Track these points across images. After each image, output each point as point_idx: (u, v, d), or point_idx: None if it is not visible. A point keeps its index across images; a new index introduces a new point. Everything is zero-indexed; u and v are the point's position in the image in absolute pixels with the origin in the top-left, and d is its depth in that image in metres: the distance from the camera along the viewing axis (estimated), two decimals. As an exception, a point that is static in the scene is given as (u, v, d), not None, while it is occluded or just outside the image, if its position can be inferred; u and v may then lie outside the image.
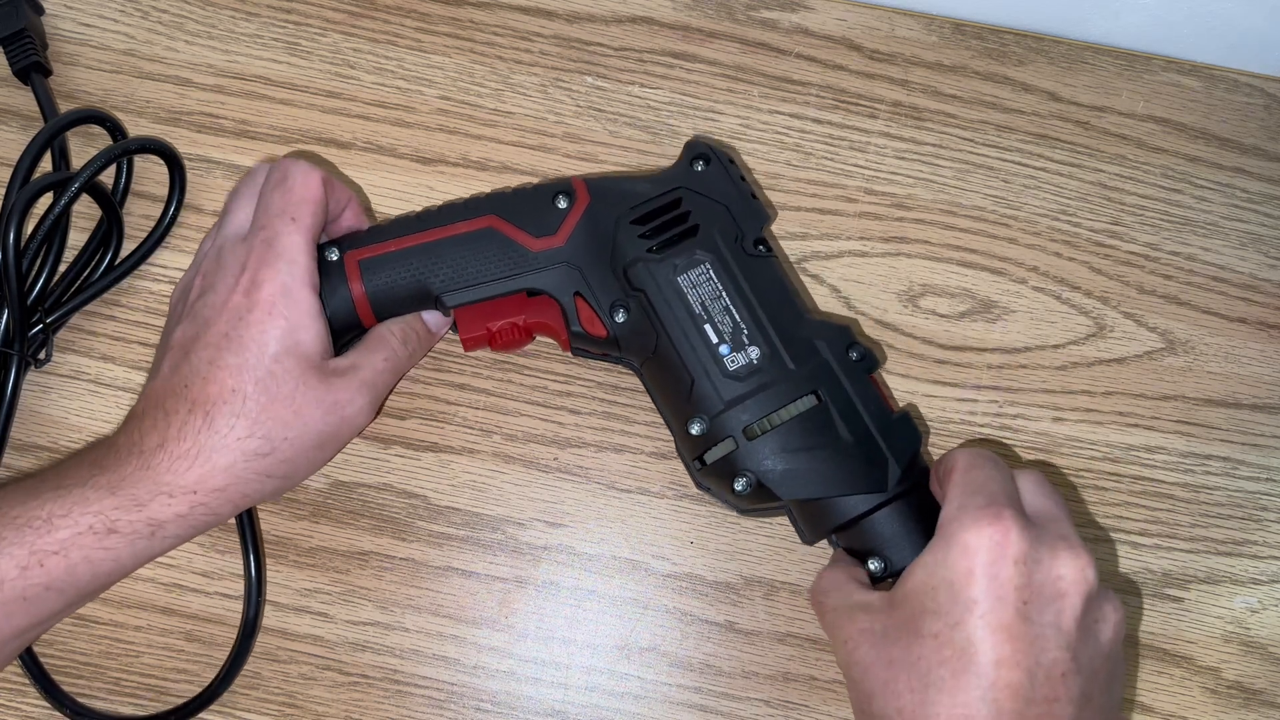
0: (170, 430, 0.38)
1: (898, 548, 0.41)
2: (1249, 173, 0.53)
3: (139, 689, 0.46)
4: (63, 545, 0.36)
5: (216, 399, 0.39)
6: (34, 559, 0.36)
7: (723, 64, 0.53)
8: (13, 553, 0.36)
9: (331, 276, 0.43)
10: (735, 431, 0.41)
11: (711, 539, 0.48)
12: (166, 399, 0.39)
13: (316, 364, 0.41)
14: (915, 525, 0.41)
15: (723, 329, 0.42)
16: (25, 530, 0.36)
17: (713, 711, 0.47)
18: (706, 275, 0.43)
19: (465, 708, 0.47)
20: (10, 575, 0.36)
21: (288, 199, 0.42)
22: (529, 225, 0.44)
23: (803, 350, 0.42)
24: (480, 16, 0.53)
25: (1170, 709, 0.48)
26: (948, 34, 0.53)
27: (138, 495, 0.37)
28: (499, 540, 0.48)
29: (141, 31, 0.52)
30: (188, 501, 0.38)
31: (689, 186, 0.44)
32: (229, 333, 0.39)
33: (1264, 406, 0.51)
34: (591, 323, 0.44)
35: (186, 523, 0.39)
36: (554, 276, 0.44)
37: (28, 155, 0.46)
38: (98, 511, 0.37)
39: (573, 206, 0.44)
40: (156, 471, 0.38)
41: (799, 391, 0.42)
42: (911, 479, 0.42)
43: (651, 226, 0.44)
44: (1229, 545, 0.49)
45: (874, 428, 0.42)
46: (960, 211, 0.52)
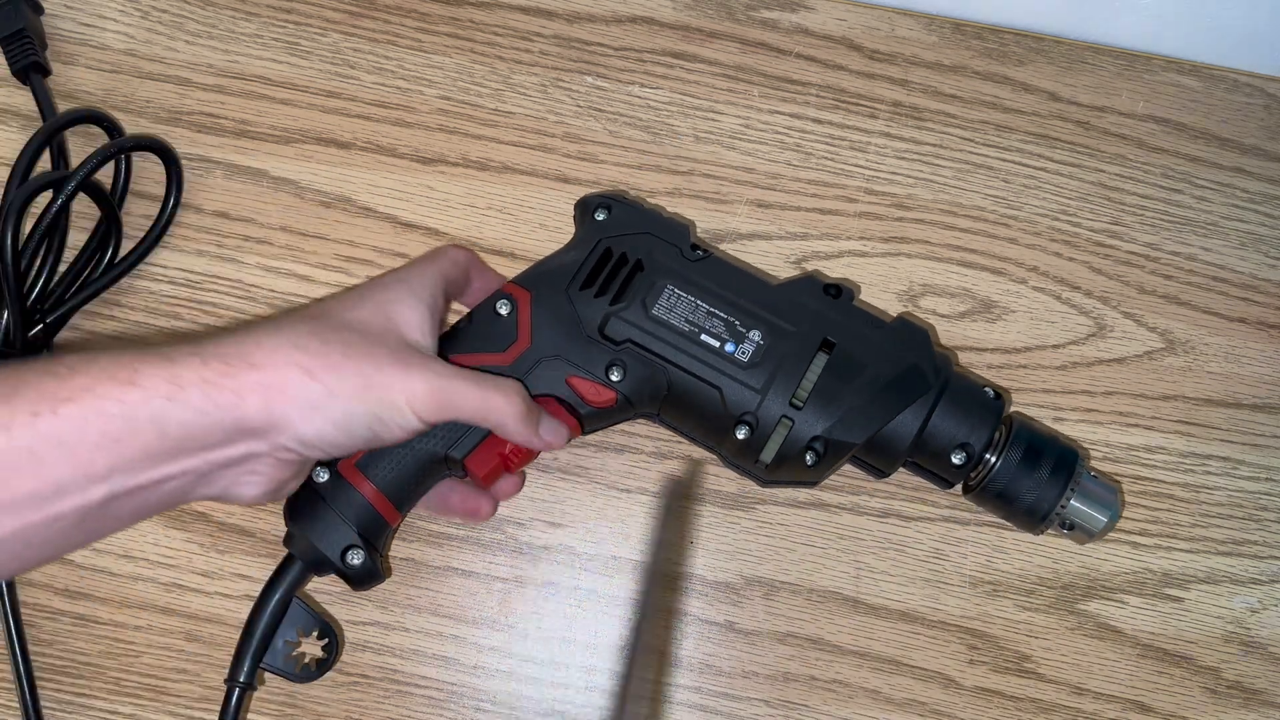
0: (239, 329, 0.37)
1: (970, 430, 0.43)
2: (1249, 173, 0.53)
3: (139, 689, 0.46)
4: (78, 391, 0.32)
5: (296, 315, 0.38)
6: (48, 405, 0.31)
7: (723, 64, 0.53)
8: (28, 395, 0.32)
9: (338, 495, 0.41)
10: (784, 410, 0.42)
11: (712, 539, 0.48)
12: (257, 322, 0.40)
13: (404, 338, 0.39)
14: (970, 404, 0.43)
15: (718, 331, 0.43)
16: (46, 377, 0.32)
17: (713, 711, 0.47)
18: (675, 295, 0.43)
19: (465, 708, 0.47)
20: (21, 419, 0.31)
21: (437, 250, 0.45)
22: (489, 345, 0.43)
23: (792, 311, 0.43)
24: (480, 16, 0.53)
25: (1170, 709, 0.48)
26: (948, 34, 0.53)
27: (170, 354, 0.34)
28: (499, 540, 0.48)
29: (141, 31, 0.52)
30: (219, 370, 0.34)
31: (606, 235, 0.44)
32: (343, 296, 0.40)
33: (1264, 406, 0.51)
34: (596, 394, 0.43)
35: (210, 399, 0.33)
36: (541, 376, 0.43)
37: (25, 154, 0.46)
38: (125, 363, 0.33)
39: (518, 305, 0.43)
40: (199, 342, 0.35)
41: (813, 347, 0.43)
42: (942, 369, 0.44)
43: (600, 282, 0.43)
44: (1229, 545, 0.49)
45: (887, 342, 0.43)
46: (960, 211, 0.52)
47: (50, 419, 0.31)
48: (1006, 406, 0.46)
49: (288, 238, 0.50)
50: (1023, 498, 0.44)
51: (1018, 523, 0.45)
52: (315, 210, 0.50)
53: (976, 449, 0.43)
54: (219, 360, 0.34)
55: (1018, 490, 0.44)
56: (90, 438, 0.32)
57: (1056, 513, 0.44)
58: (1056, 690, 0.48)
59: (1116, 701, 0.48)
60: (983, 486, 0.44)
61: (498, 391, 0.39)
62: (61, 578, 0.47)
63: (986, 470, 0.44)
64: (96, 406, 0.32)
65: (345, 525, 0.40)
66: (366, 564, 0.41)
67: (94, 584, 0.47)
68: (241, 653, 0.41)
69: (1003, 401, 0.44)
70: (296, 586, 0.42)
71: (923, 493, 0.49)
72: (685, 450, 0.49)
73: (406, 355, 0.38)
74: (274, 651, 0.42)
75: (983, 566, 0.49)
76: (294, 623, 0.42)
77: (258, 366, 0.34)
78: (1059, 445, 0.44)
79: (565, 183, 0.51)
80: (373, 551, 0.41)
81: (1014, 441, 0.44)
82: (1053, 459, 0.44)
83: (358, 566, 0.41)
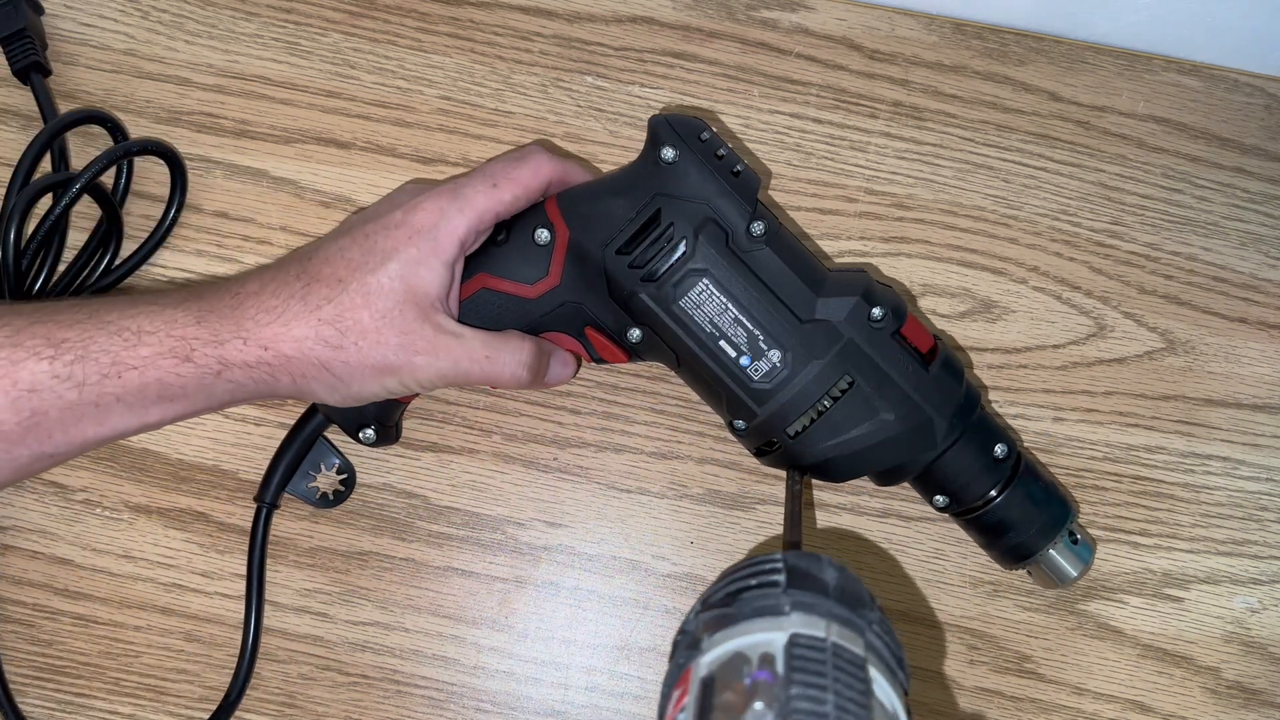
0: (270, 284, 0.40)
1: (961, 490, 0.43)
2: (1249, 173, 0.53)
3: (139, 689, 0.46)
4: (143, 362, 0.38)
5: (323, 279, 0.40)
6: (115, 369, 0.37)
7: (723, 64, 0.53)
8: (99, 359, 0.37)
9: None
10: (778, 433, 0.42)
11: (711, 539, 0.48)
12: (288, 260, 0.42)
13: (422, 304, 0.41)
14: (974, 463, 0.43)
15: (738, 341, 0.42)
16: (115, 338, 0.37)
17: (713, 711, 0.47)
18: (707, 292, 0.41)
19: (465, 708, 0.47)
20: (92, 380, 0.37)
21: (507, 170, 0.42)
22: (520, 274, 0.43)
23: (823, 337, 0.41)
24: (480, 16, 0.53)
25: (1170, 709, 0.48)
26: (948, 34, 0.53)
27: (219, 331, 0.39)
28: (499, 540, 0.48)
29: (141, 31, 0.52)
30: (256, 354, 0.39)
31: (663, 191, 0.41)
32: (370, 234, 0.41)
33: (1264, 406, 0.51)
34: (608, 352, 0.44)
35: (248, 376, 0.39)
36: (561, 317, 0.43)
37: (28, 156, 0.46)
38: (181, 336, 0.38)
39: (555, 240, 0.43)
40: (242, 313, 0.39)
41: (830, 381, 0.41)
42: (962, 422, 0.42)
43: (639, 253, 0.41)
44: (1229, 545, 0.49)
45: (912, 391, 0.41)
46: (960, 211, 0.52)
47: (116, 381, 0.37)
48: (1014, 462, 0.44)
49: (288, 238, 0.50)
50: (1008, 538, 0.44)
51: (993, 555, 0.46)
52: (315, 210, 0.50)
53: (961, 504, 0.44)
54: (257, 345, 0.39)
55: (1005, 530, 0.44)
56: (149, 398, 0.38)
57: (1033, 559, 0.44)
58: (1056, 690, 0.48)
59: (1116, 701, 0.48)
60: (975, 518, 0.44)
61: (503, 369, 0.42)
62: (61, 578, 0.47)
63: (983, 505, 0.44)
64: (156, 376, 0.38)
65: (363, 408, 0.44)
66: (376, 440, 0.45)
67: (94, 584, 0.47)
68: (270, 477, 0.46)
69: (1009, 461, 0.44)
70: (322, 429, 0.46)
71: (923, 493, 0.49)
72: (686, 450, 0.49)
73: (420, 336, 0.40)
74: (297, 480, 0.47)
75: (983, 566, 0.49)
76: (318, 458, 0.47)
77: (289, 357, 0.39)
78: (1056, 495, 0.44)
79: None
80: (383, 429, 0.45)
81: (1017, 484, 0.43)
82: (1047, 510, 0.44)
83: (369, 441, 0.45)
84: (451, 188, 0.42)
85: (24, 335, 0.37)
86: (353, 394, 0.41)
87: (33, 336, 0.37)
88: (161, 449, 0.48)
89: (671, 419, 0.49)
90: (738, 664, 0.28)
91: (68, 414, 0.37)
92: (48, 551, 0.47)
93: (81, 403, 0.37)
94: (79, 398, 0.37)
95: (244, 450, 0.48)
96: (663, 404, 0.49)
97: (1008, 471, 0.43)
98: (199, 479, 0.48)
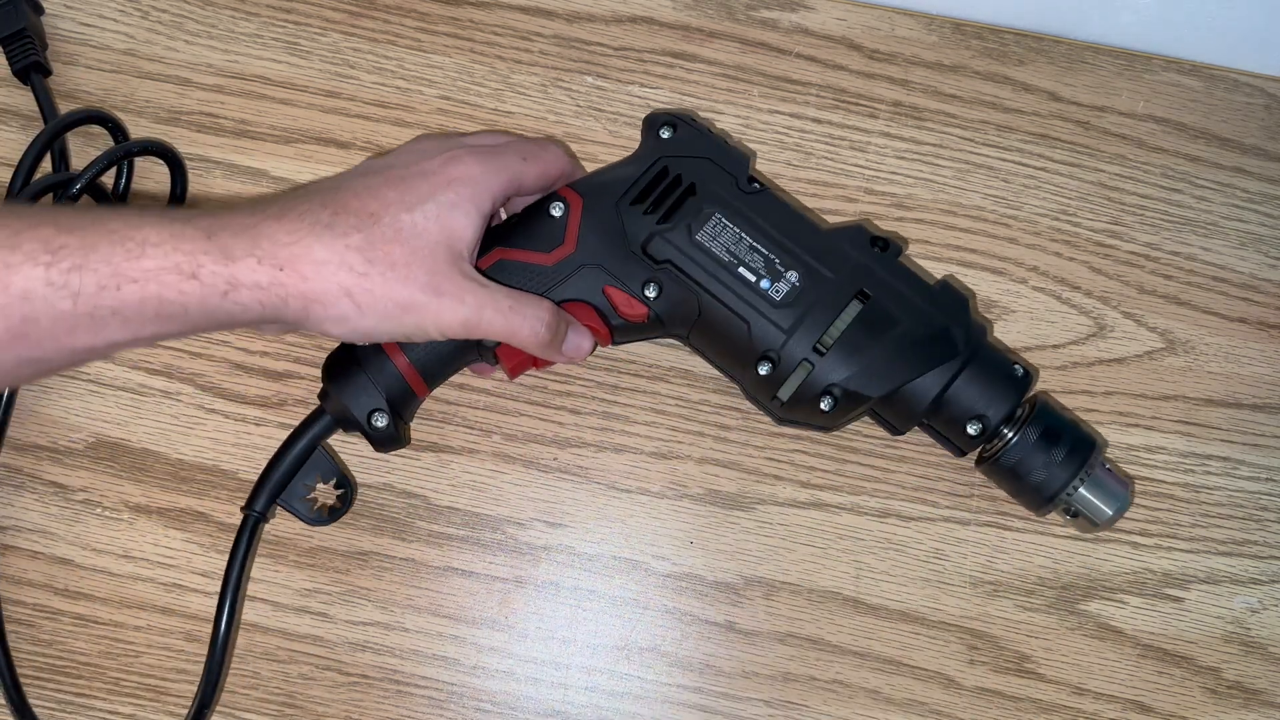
0: (294, 208, 0.38)
1: (988, 404, 0.43)
2: (1249, 173, 0.53)
3: (139, 689, 0.46)
4: (145, 275, 0.35)
5: (352, 210, 0.38)
6: (114, 281, 0.35)
7: (723, 64, 0.53)
8: (99, 269, 0.35)
9: (371, 360, 0.43)
10: (806, 354, 0.43)
11: (711, 539, 0.48)
12: (312, 189, 0.40)
13: (455, 249, 0.40)
14: (995, 377, 0.44)
15: (756, 266, 0.43)
16: (118, 248, 0.35)
17: (713, 711, 0.47)
18: (721, 224, 0.44)
19: (465, 708, 0.47)
20: (89, 290, 0.34)
21: (537, 150, 0.43)
22: (536, 244, 0.44)
23: (834, 258, 0.44)
24: (480, 16, 0.53)
25: (1170, 709, 0.48)
26: (948, 34, 0.53)
27: (230, 249, 0.36)
28: (499, 540, 0.48)
29: (141, 31, 0.52)
30: (270, 275, 0.37)
31: (666, 153, 0.45)
32: (405, 177, 0.40)
33: (1264, 406, 0.51)
34: (629, 307, 0.44)
35: (256, 298, 0.37)
36: (578, 282, 0.44)
37: (28, 156, 0.46)
38: (189, 251, 0.36)
39: (569, 210, 0.44)
40: (259, 232, 0.37)
41: (847, 296, 0.43)
42: (974, 337, 0.44)
43: (652, 200, 0.44)
44: (1229, 545, 0.49)
45: (924, 303, 0.44)
46: (960, 211, 0.52)
47: (114, 294, 0.35)
48: (1033, 384, 0.46)
49: (288, 238, 0.50)
50: (1033, 476, 0.44)
51: (1024, 501, 0.46)
52: (315, 210, 0.50)
53: (993, 422, 0.44)
54: (273, 264, 0.37)
55: (1029, 468, 0.44)
56: (147, 314, 0.35)
57: (1063, 497, 0.44)
58: (1056, 690, 0.48)
59: (1116, 701, 0.48)
60: (996, 460, 0.45)
61: (524, 322, 0.41)
62: (61, 578, 0.47)
63: (1002, 444, 0.44)
64: (157, 292, 0.35)
65: (376, 391, 0.43)
66: (389, 429, 0.43)
67: (94, 584, 0.47)
68: (261, 485, 0.44)
69: (1030, 379, 0.45)
70: (323, 436, 0.45)
71: (922, 492, 0.49)
72: (686, 450, 0.49)
73: (447, 279, 0.40)
74: (292, 492, 0.44)
75: (983, 566, 0.49)
76: (315, 468, 0.45)
77: (307, 279, 0.37)
78: (1078, 431, 0.45)
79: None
80: (397, 418, 0.43)
81: (1034, 420, 0.44)
82: (1069, 444, 0.44)
83: (381, 429, 0.43)
84: (485, 150, 0.42)
85: (23, 238, 0.34)
86: (365, 329, 0.39)
87: (31, 240, 0.34)
88: (161, 449, 0.48)
89: (671, 419, 0.49)
90: None
91: (60, 324, 0.34)
92: (48, 551, 0.47)
93: (76, 313, 0.34)
94: (73, 308, 0.34)
95: (244, 450, 0.48)
96: (663, 404, 0.49)
97: (1028, 389, 0.44)
98: (199, 479, 0.48)
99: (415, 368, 0.43)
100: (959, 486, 0.49)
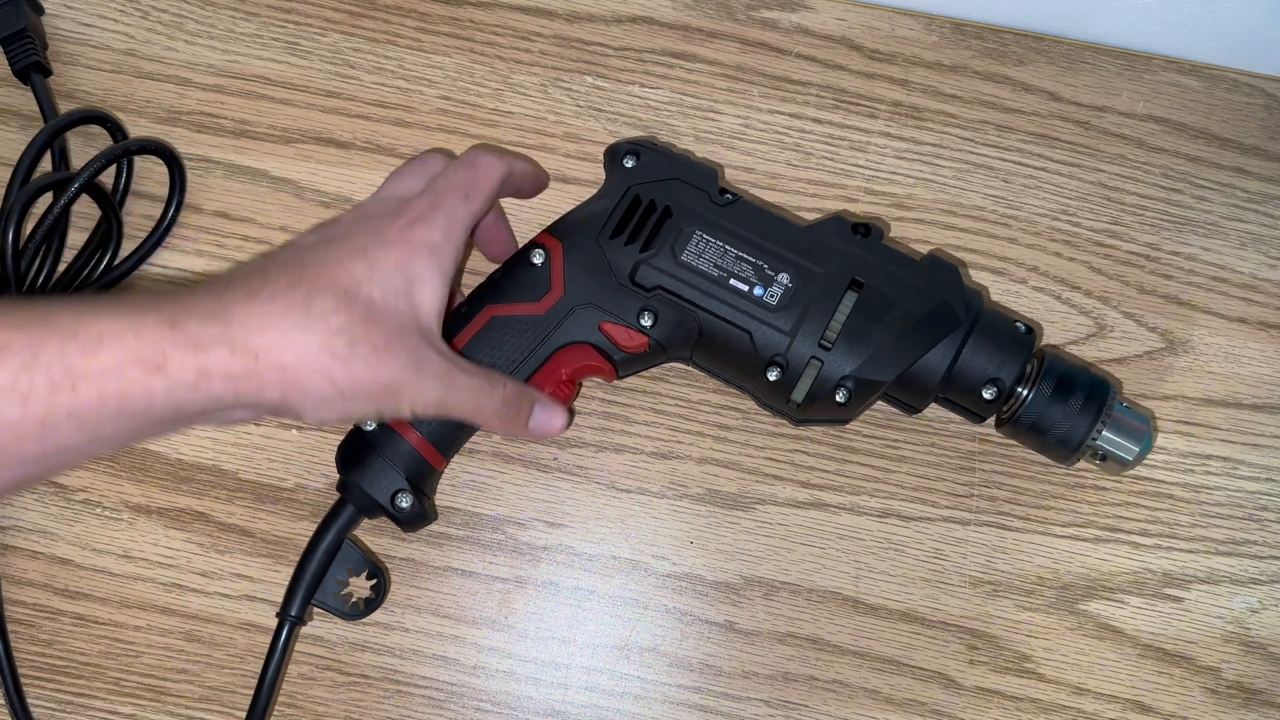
0: (264, 289, 0.35)
1: (1000, 366, 0.44)
2: (1249, 173, 0.53)
3: (139, 689, 0.46)
4: (103, 372, 0.31)
5: (327, 287, 0.36)
6: (68, 380, 0.31)
7: (723, 64, 0.53)
8: (50, 368, 0.31)
9: (386, 443, 0.43)
10: (813, 351, 0.43)
11: (711, 539, 0.48)
12: (271, 267, 0.36)
13: (426, 324, 0.39)
14: (1001, 340, 0.44)
15: (746, 275, 0.44)
16: (69, 343, 0.31)
17: (713, 711, 0.47)
18: (703, 240, 0.44)
19: (465, 708, 0.47)
20: (39, 393, 0.31)
21: (472, 178, 0.41)
22: (524, 295, 0.44)
23: (820, 253, 0.44)
24: (480, 16, 0.53)
25: (1170, 709, 0.48)
26: (948, 34, 0.53)
27: (199, 337, 0.33)
28: (499, 540, 0.48)
29: (141, 31, 0.52)
30: (244, 365, 0.34)
31: (634, 182, 0.45)
32: (367, 249, 0.37)
33: (1264, 406, 0.51)
34: (629, 339, 0.44)
35: (231, 389, 0.34)
36: (574, 325, 0.44)
37: (28, 155, 0.46)
38: (153, 341, 0.32)
39: (550, 256, 0.44)
40: (229, 317, 0.34)
41: (841, 287, 0.44)
42: (972, 305, 0.44)
43: (630, 230, 0.44)
44: (1229, 545, 0.49)
45: (917, 280, 0.44)
46: (960, 211, 0.52)
47: (69, 394, 0.31)
48: (1038, 340, 0.46)
49: (287, 238, 0.50)
50: (1055, 429, 0.44)
51: (1051, 455, 0.46)
52: (315, 210, 0.50)
53: (1007, 383, 0.44)
54: (247, 355, 0.33)
55: (1050, 422, 0.44)
56: (107, 414, 0.32)
57: (1089, 444, 0.44)
58: (1056, 690, 0.48)
59: (1116, 701, 0.48)
60: (1015, 419, 0.45)
61: (489, 403, 0.40)
62: (61, 578, 0.47)
63: (1018, 403, 0.45)
64: (118, 389, 0.32)
65: (394, 471, 0.43)
66: (415, 507, 0.43)
67: (94, 584, 0.47)
68: (294, 588, 0.44)
69: (1034, 335, 0.45)
70: (349, 528, 0.44)
71: (922, 492, 0.49)
72: (686, 450, 0.49)
73: (426, 358, 0.38)
74: (325, 589, 0.44)
75: (983, 566, 0.49)
76: (345, 563, 0.44)
77: (286, 367, 0.34)
78: (1090, 376, 0.45)
79: (565, 183, 0.51)
80: (420, 495, 0.43)
81: (1045, 374, 0.44)
82: (1085, 390, 0.44)
83: (407, 509, 0.43)
84: (427, 206, 0.40)
85: None
86: (344, 413, 0.37)
87: None
88: (161, 449, 0.48)
89: (671, 419, 0.49)
90: None
91: (7, 433, 0.31)
92: (48, 551, 0.47)
93: (25, 419, 0.31)
94: (23, 413, 0.31)
95: (244, 450, 0.48)
96: (663, 404, 0.49)
97: (1034, 346, 0.45)
98: (199, 479, 0.48)
99: (429, 441, 0.43)
100: (959, 486, 0.49)
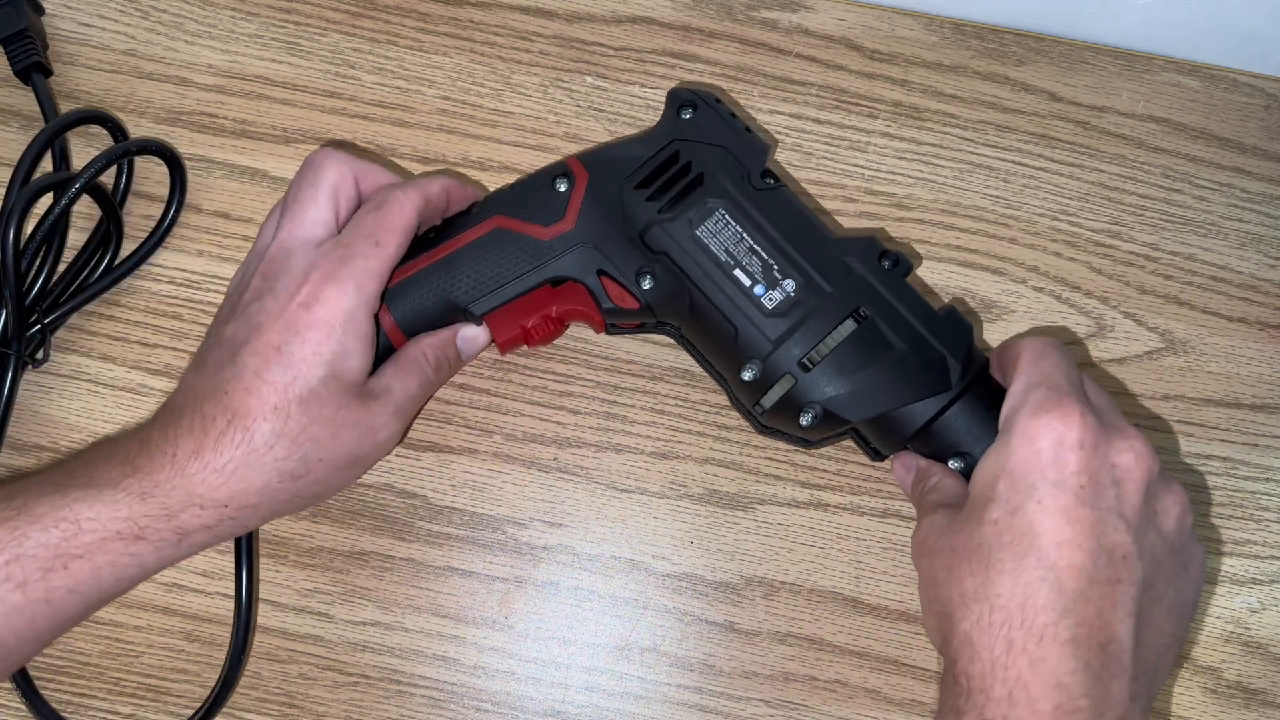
0: (208, 439, 0.38)
1: (975, 441, 0.41)
2: (1249, 173, 0.53)
3: (139, 689, 0.46)
4: (89, 549, 0.36)
5: (258, 414, 0.38)
6: (58, 562, 0.35)
7: (723, 64, 0.53)
8: (38, 555, 0.35)
9: None
10: (790, 367, 0.42)
11: (711, 539, 0.48)
12: (206, 401, 0.38)
13: (358, 388, 0.40)
14: (986, 416, 0.41)
15: (753, 270, 0.42)
16: (51, 531, 0.36)
17: (713, 711, 0.47)
18: (723, 221, 0.43)
19: (465, 708, 0.47)
20: (34, 577, 0.35)
21: (380, 222, 0.41)
22: (536, 216, 0.44)
23: (836, 271, 0.42)
24: (480, 16, 0.53)
25: (1170, 709, 0.48)
26: (948, 34, 0.53)
27: (169, 504, 0.37)
28: (499, 540, 0.48)
29: (141, 31, 0.52)
30: (217, 514, 0.38)
31: (682, 136, 0.44)
32: (280, 345, 0.38)
33: (1264, 406, 0.51)
34: (621, 297, 0.44)
35: (213, 533, 0.39)
36: (573, 260, 0.43)
37: (28, 155, 0.46)
38: (127, 518, 0.36)
39: (574, 187, 0.44)
40: (190, 482, 0.37)
41: (843, 312, 0.42)
42: (973, 371, 0.42)
43: (656, 187, 0.43)
44: (1229, 545, 0.49)
45: (923, 329, 0.42)
46: (960, 211, 0.52)
47: (61, 574, 0.36)
48: None
49: (288, 238, 0.50)
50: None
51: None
52: (315, 210, 0.50)
53: (976, 460, 0.41)
54: (216, 507, 0.38)
55: None
56: (104, 582, 0.37)
57: None
58: (1056, 690, 0.48)
59: (1116, 701, 0.48)
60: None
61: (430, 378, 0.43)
62: (62, 578, 0.47)
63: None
64: (107, 560, 0.36)
65: None
66: None
67: (94, 584, 0.47)
68: None
69: None
70: None
71: (923, 493, 0.49)
72: (686, 450, 0.49)
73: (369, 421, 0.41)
74: None
75: (983, 566, 0.48)
76: None
77: (257, 505, 0.39)
78: None
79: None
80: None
81: None
82: None
83: None
84: (336, 263, 0.39)
85: None
86: (325, 497, 0.42)
87: None
88: (161, 449, 0.48)
89: (671, 419, 0.49)
90: None
91: (15, 616, 0.35)
92: (48, 551, 0.47)
93: (29, 602, 0.35)
94: (24, 598, 0.35)
95: (244, 450, 0.48)
96: (662, 404, 0.49)
97: None
98: (199, 479, 0.48)
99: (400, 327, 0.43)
100: (959, 486, 0.49)
